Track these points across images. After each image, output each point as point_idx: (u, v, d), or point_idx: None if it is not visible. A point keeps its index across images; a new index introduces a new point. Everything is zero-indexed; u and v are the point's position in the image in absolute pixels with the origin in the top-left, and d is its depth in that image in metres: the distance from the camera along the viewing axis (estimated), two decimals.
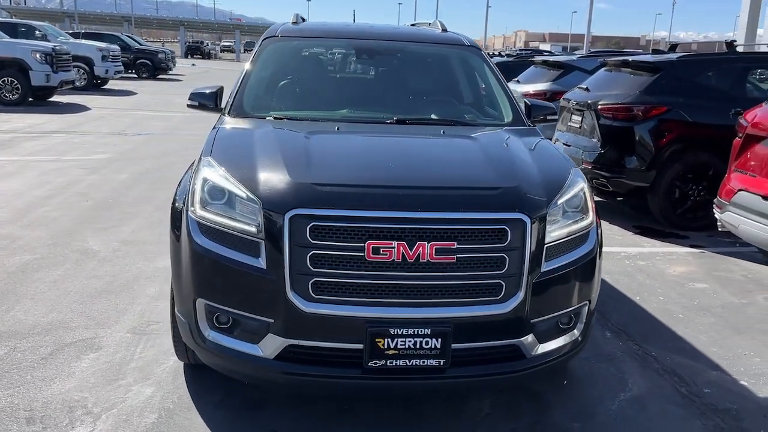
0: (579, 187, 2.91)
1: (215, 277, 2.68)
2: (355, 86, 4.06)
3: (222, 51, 77.65)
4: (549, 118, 4.01)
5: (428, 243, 2.50)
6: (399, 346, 2.54)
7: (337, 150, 3.11)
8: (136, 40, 30.62)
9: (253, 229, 2.60)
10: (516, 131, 3.57)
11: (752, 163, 4.80)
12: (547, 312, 2.73)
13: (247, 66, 3.99)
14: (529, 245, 2.61)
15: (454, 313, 2.56)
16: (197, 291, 2.73)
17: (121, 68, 22.97)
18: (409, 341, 2.54)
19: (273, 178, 2.68)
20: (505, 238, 2.58)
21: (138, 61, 28.13)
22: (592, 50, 20.14)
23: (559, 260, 2.74)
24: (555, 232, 2.72)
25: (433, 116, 3.76)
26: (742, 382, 3.45)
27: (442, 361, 2.57)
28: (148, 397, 3.08)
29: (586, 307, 2.93)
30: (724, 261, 5.61)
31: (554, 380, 3.33)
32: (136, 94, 20.47)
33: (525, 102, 4.01)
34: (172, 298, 3.06)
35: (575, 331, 2.91)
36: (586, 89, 7.11)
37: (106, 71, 20.81)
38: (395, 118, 3.58)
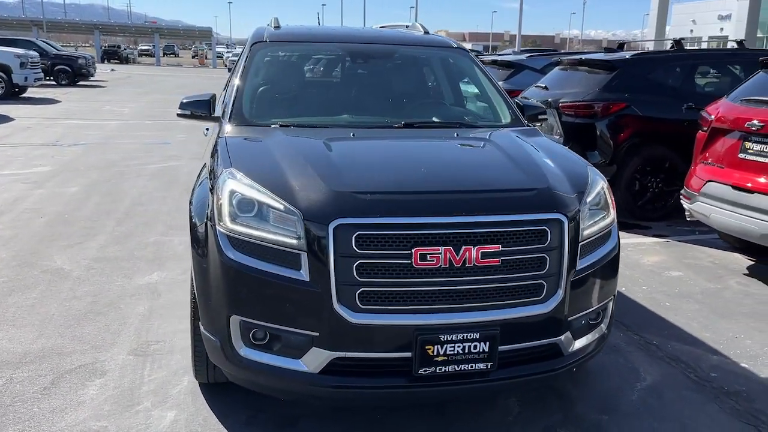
0: (600, 185, 2.98)
1: (251, 292, 2.59)
2: (354, 91, 4.00)
3: (140, 55, 75.15)
4: (540, 117, 4.09)
5: (474, 247, 2.50)
6: (448, 352, 2.53)
7: (364, 157, 3.07)
8: (52, 46, 29.19)
9: (293, 241, 2.52)
10: (522, 131, 3.62)
11: (719, 155, 5.05)
12: (582, 309, 2.78)
13: (239, 72, 3.87)
14: (567, 244, 2.65)
15: (500, 316, 2.57)
16: (231, 307, 2.63)
17: (41, 75, 21.86)
18: (459, 346, 2.53)
19: (310, 188, 2.62)
20: (545, 238, 2.61)
21: (56, 68, 26.78)
22: (522, 49, 20.68)
23: (590, 258, 2.81)
24: (586, 231, 2.78)
25: (434, 119, 3.77)
26: (743, 365, 3.62)
27: (489, 364, 2.58)
28: (171, 421, 2.95)
29: (612, 303, 3.00)
30: (690, 249, 5.87)
31: (570, 375, 3.39)
32: (59, 102, 19.52)
33: (517, 102, 4.07)
34: (194, 317, 2.95)
35: (602, 326, 2.98)
36: (545, 88, 7.29)
37: (26, 79, 19.73)
38: (402, 123, 3.56)
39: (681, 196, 5.46)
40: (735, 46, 7.53)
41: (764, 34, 41.85)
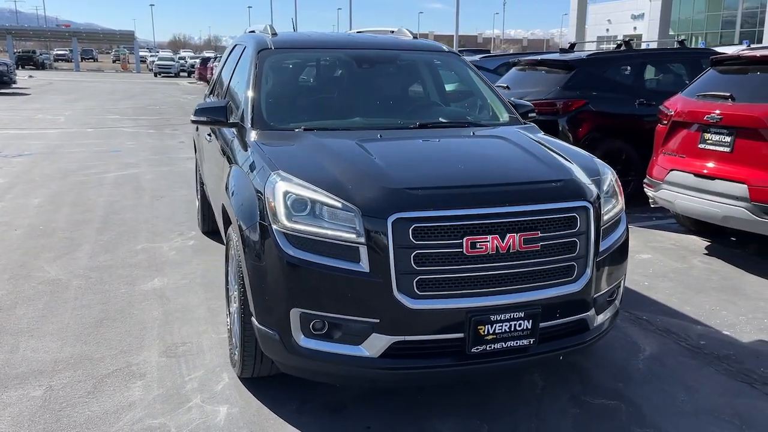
0: (610, 175, 3.30)
1: (311, 285, 2.77)
2: (364, 95, 4.19)
3: (56, 60, 72.07)
4: (530, 115, 4.40)
5: (517, 234, 2.77)
6: (497, 331, 2.78)
7: (401, 156, 3.27)
8: None
9: (352, 236, 2.72)
10: (525, 129, 3.92)
11: (680, 145, 5.52)
12: (604, 287, 3.09)
13: (250, 78, 4.00)
14: (593, 229, 2.96)
15: (540, 296, 2.85)
16: (291, 301, 2.80)
17: None
18: (506, 325, 2.79)
19: (364, 186, 2.82)
20: (575, 224, 2.91)
21: None
22: (461, 49, 21.25)
23: (608, 241, 3.12)
24: (605, 216, 3.09)
25: (441, 119, 4.01)
26: (726, 332, 4.04)
27: (531, 340, 2.85)
28: (226, 414, 3.08)
29: (623, 281, 3.34)
30: (651, 233, 6.36)
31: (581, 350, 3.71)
32: None
33: (510, 101, 4.37)
34: (243, 314, 3.08)
35: (616, 302, 3.31)
36: (506, 87, 7.67)
37: None
38: (417, 124, 3.80)
39: (644, 185, 5.92)
40: (677, 45, 8.13)
41: (675, 32, 44.27)
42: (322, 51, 4.49)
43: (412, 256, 2.68)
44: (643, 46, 36.79)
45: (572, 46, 8.76)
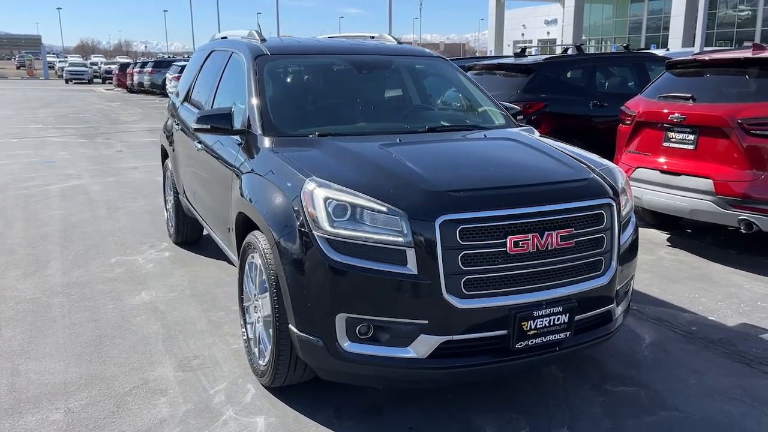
0: (622, 174, 3.47)
1: (358, 289, 2.78)
2: (366, 99, 4.20)
3: None
4: (518, 118, 4.55)
5: (554, 232, 2.89)
6: (538, 326, 2.88)
7: (429, 159, 3.31)
8: None
9: (399, 239, 2.75)
10: (526, 130, 4.06)
11: (645, 144, 5.84)
12: (623, 280, 3.26)
13: (251, 85, 3.95)
14: (616, 224, 3.11)
15: (576, 290, 2.97)
16: (337, 306, 2.81)
17: None
18: (546, 320, 2.89)
19: (407, 189, 2.86)
20: (602, 220, 3.06)
21: None
22: None
23: (626, 236, 3.29)
24: (622, 213, 3.26)
25: (444, 122, 4.09)
26: (711, 318, 4.31)
27: (567, 333, 2.97)
28: (266, 424, 3.04)
29: (634, 275, 3.52)
30: None
31: None
32: None
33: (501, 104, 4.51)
34: (277, 322, 3.05)
35: (629, 294, 3.48)
36: None
37: None
38: (426, 127, 3.86)
39: None
40: (623, 50, 8.56)
41: (588, 37, 46.33)
42: (318, 57, 4.48)
43: (459, 256, 2.74)
44: (558, 50, 38.16)
45: (523, 50, 9.07)
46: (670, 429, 3.02)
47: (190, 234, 5.91)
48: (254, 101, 3.84)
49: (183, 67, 23.79)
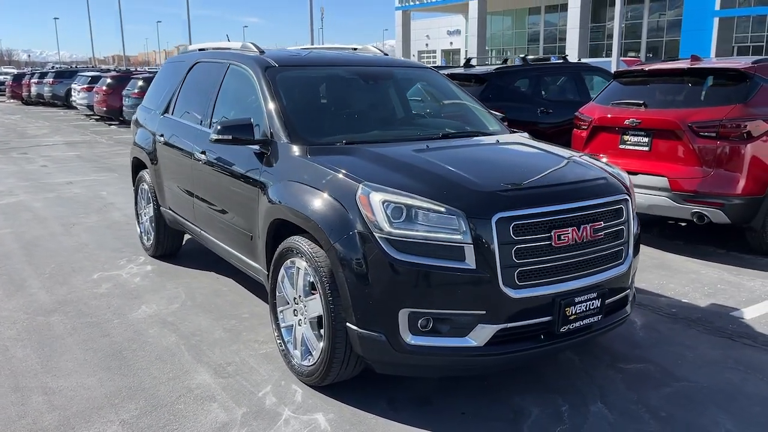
0: (626, 173, 3.85)
1: (419, 285, 2.99)
2: (376, 108, 4.39)
3: None
4: (504, 123, 4.89)
5: (589, 225, 3.21)
6: (578, 311, 3.19)
7: (465, 162, 3.52)
8: None
9: (457, 237, 2.98)
10: (524, 135, 4.39)
11: (602, 147, 6.34)
12: (635, 268, 3.63)
13: (267, 96, 4.05)
14: (631, 217, 3.48)
15: (606, 277, 3.31)
16: (400, 302, 3.00)
17: None
18: (584, 305, 3.21)
19: (460, 191, 3.10)
20: (621, 214, 3.41)
21: None
22: None
23: (634, 228, 3.67)
24: (631, 207, 3.63)
25: (450, 129, 4.35)
26: (685, 300, 4.80)
27: (600, 317, 3.30)
28: (327, 420, 3.18)
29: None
30: None
31: None
32: None
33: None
34: (333, 321, 3.19)
35: (634, 282, 3.87)
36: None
37: None
38: (440, 134, 4.11)
39: None
40: (561, 60, 9.17)
41: (490, 47, 48.19)
42: (323, 68, 4.63)
43: (513, 251, 3.01)
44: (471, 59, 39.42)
45: (468, 60, 9.49)
46: (688, 397, 3.40)
47: (170, 246, 5.86)
48: (274, 111, 3.95)
49: (94, 78, 22.99)
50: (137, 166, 6.17)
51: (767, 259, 5.78)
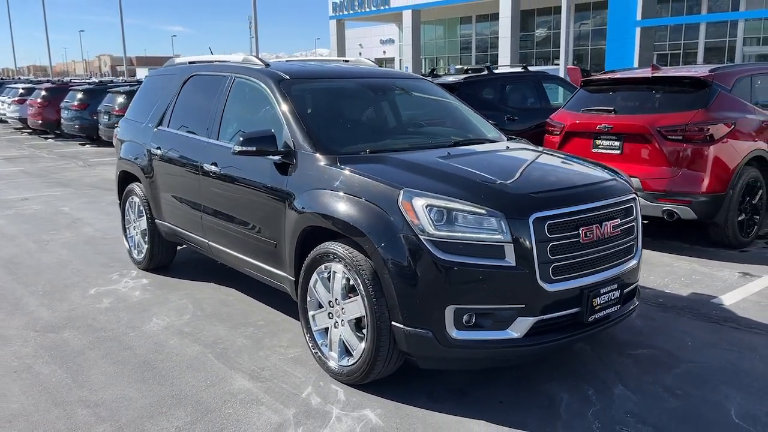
0: (627, 175, 4.18)
1: (465, 283, 3.20)
2: (387, 118, 4.57)
3: None
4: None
5: (609, 222, 3.50)
6: (601, 302, 3.48)
7: (491, 167, 3.74)
8: None
9: (498, 236, 3.21)
10: (525, 141, 4.67)
11: (575, 151, 6.71)
12: (640, 261, 3.95)
13: (284, 108, 4.18)
14: (639, 215, 3.80)
15: (622, 269, 3.61)
16: (446, 299, 3.21)
17: None
18: (607, 296, 3.50)
19: (498, 193, 3.33)
20: (632, 212, 3.73)
21: None
22: None
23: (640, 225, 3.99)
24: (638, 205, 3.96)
25: (456, 137, 4.57)
26: (668, 291, 5.19)
27: (618, 306, 3.60)
28: (376, 416, 3.33)
29: None
30: None
31: None
32: None
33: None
34: (377, 321, 3.36)
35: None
36: None
37: None
38: (453, 141, 4.34)
39: None
40: (521, 70, 9.58)
41: (424, 56, 49.02)
42: (331, 80, 4.78)
43: (548, 248, 3.26)
44: (405, 68, 40.19)
45: (432, 71, 9.78)
46: (696, 376, 3.74)
47: (164, 259, 5.86)
48: (294, 123, 4.08)
49: (28, 90, 22.12)
50: (124, 179, 6.12)
51: (728, 251, 6.28)
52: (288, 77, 4.43)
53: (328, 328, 3.76)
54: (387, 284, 3.31)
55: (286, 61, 5.74)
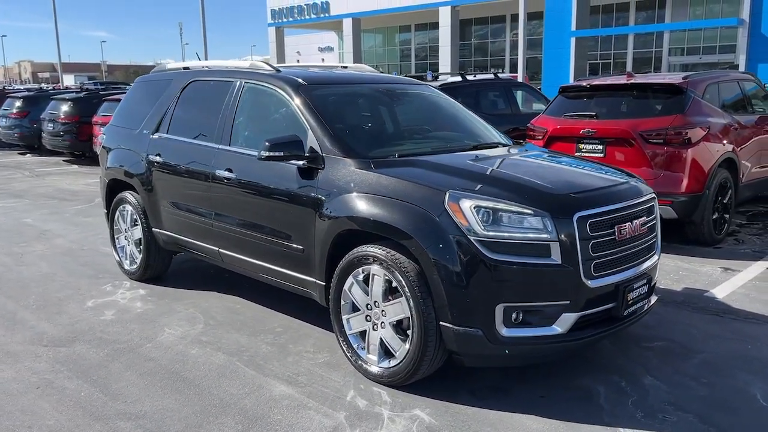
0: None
1: (514, 281, 3.30)
2: (405, 123, 4.62)
3: None
4: None
5: (638, 220, 3.68)
6: (634, 297, 3.64)
7: (522, 170, 3.87)
8: None
9: (544, 235, 3.33)
10: (531, 145, 4.82)
11: None
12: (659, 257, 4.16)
13: (306, 113, 4.18)
14: (658, 214, 4.00)
15: (648, 265, 3.78)
16: (497, 298, 3.30)
17: None
18: (638, 291, 3.67)
19: (539, 194, 3.45)
20: (653, 211, 3.92)
21: None
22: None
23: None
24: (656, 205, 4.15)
25: (469, 142, 4.67)
26: (661, 287, 5.43)
27: (646, 300, 3.78)
28: (427, 414, 3.38)
29: None
30: None
31: None
32: None
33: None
34: (424, 323, 3.41)
35: None
36: None
37: None
38: (472, 145, 4.45)
39: None
40: (492, 77, 9.83)
41: (368, 63, 49.17)
42: (346, 86, 4.80)
43: (590, 245, 3.40)
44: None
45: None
46: (713, 365, 3.95)
47: (159, 268, 5.73)
48: (319, 128, 4.09)
49: None
50: (113, 188, 5.95)
51: (705, 248, 6.63)
52: (305, 83, 4.44)
53: (364, 331, 3.78)
54: (435, 285, 3.37)
55: (303, 67, 5.75)
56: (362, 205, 3.71)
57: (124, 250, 5.91)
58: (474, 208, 3.33)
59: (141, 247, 5.64)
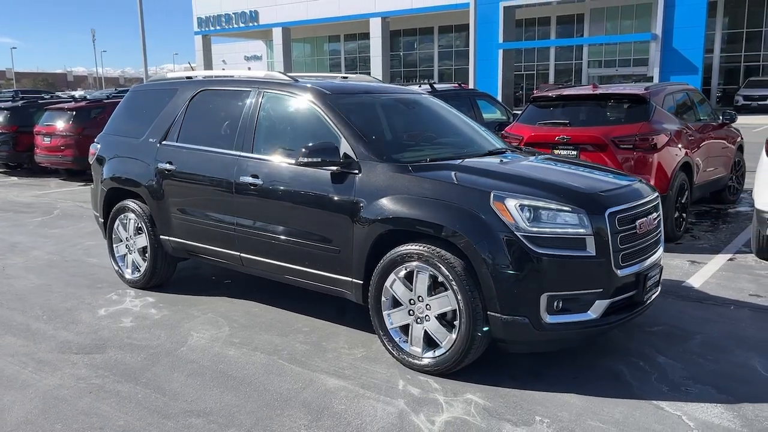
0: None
1: (556, 272, 3.65)
2: (425, 130, 4.88)
3: None
4: None
5: (651, 216, 4.11)
6: (650, 284, 4.06)
7: (547, 172, 4.24)
8: None
9: (581, 230, 3.69)
10: (530, 151, 5.21)
11: None
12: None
13: (338, 121, 4.41)
14: (661, 211, 4.46)
15: (658, 256, 4.22)
16: (542, 288, 3.63)
17: None
18: (654, 278, 4.10)
19: (573, 193, 3.81)
20: (659, 208, 4.36)
21: None
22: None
23: None
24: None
25: (482, 147, 5.00)
26: None
27: (658, 287, 4.21)
28: (479, 398, 3.66)
29: None
30: None
31: None
32: None
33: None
34: (471, 314, 3.71)
35: None
36: None
37: None
38: (486, 151, 4.78)
39: None
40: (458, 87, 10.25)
41: (298, 72, 49.10)
42: (364, 95, 5.02)
43: (618, 238, 3.79)
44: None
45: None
46: (712, 344, 4.42)
47: (165, 275, 5.77)
48: (352, 135, 4.32)
49: None
50: (112, 197, 5.93)
51: (667, 244, 7.19)
52: (330, 92, 4.65)
53: (407, 325, 4.03)
54: (484, 277, 3.66)
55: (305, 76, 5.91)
56: (406, 207, 3.95)
57: (125, 259, 5.90)
58: (518, 206, 3.66)
59: (146, 255, 5.65)
